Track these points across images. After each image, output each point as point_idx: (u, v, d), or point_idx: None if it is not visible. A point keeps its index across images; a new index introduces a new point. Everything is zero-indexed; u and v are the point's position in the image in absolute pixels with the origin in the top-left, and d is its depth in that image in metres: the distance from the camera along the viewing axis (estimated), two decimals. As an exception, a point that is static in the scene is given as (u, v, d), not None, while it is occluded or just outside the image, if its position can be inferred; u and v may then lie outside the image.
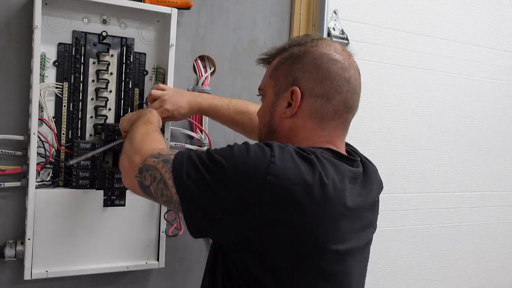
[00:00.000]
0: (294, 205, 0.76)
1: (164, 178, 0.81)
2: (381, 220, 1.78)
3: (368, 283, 1.78)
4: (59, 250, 1.18)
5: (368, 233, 0.93)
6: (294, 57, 0.91)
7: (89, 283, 1.28)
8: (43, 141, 1.16)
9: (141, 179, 0.86)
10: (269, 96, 0.94)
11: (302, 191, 0.76)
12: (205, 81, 1.40)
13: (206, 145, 1.38)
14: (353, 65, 0.91)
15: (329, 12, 1.59)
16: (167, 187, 0.81)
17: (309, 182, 0.76)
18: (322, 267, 0.81)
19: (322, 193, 0.77)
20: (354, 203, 0.84)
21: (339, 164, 0.84)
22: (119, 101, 1.27)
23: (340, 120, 0.90)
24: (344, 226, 0.82)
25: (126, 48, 1.26)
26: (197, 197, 0.78)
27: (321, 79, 0.88)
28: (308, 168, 0.78)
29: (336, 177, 0.81)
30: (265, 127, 0.95)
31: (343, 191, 0.81)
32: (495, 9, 1.98)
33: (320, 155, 0.82)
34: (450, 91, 1.91)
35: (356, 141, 1.72)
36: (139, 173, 0.86)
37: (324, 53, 0.89)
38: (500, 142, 2.05)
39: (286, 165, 0.76)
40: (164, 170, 0.81)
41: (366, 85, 1.72)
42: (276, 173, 0.75)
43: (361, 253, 0.91)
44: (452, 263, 1.98)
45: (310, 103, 0.88)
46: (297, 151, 0.80)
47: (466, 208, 1.99)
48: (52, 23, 1.18)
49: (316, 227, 0.78)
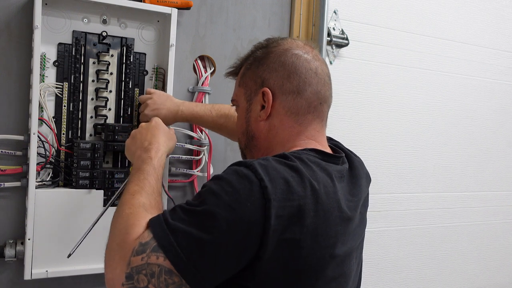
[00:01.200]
0: (291, 222, 0.73)
1: (164, 266, 0.70)
2: (381, 220, 1.81)
3: (368, 283, 1.79)
4: (59, 250, 1.18)
5: (361, 230, 0.93)
6: (259, 60, 0.91)
7: (89, 283, 1.28)
8: (43, 141, 1.16)
9: (133, 284, 0.71)
10: (242, 104, 0.94)
11: (297, 205, 0.74)
12: (205, 81, 1.40)
13: (206, 145, 1.38)
14: (317, 57, 0.92)
15: (329, 12, 1.59)
16: (172, 273, 0.70)
17: (301, 195, 0.74)
18: (327, 275, 0.80)
19: (316, 202, 0.76)
20: (346, 203, 0.83)
21: (326, 166, 0.83)
22: (119, 101, 1.27)
23: (316, 112, 0.90)
24: (343, 228, 0.82)
25: (126, 48, 1.26)
26: (199, 259, 0.70)
27: (288, 74, 0.88)
28: (297, 179, 0.76)
29: (326, 181, 0.80)
30: (244, 135, 0.94)
31: (336, 193, 0.81)
32: (495, 9, 1.98)
33: (306, 159, 0.80)
34: (450, 91, 1.91)
35: (356, 141, 1.73)
36: (127, 280, 0.71)
37: (287, 49, 0.90)
38: (500, 142, 2.05)
39: (275, 184, 0.73)
40: (162, 259, 0.70)
41: (366, 85, 1.74)
42: (271, 197, 0.71)
43: (357, 251, 0.91)
44: (452, 263, 1.98)
45: (282, 101, 0.88)
46: (280, 162, 0.77)
47: (466, 208, 1.99)
48: (52, 23, 1.18)
49: (319, 237, 0.76)
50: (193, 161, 1.39)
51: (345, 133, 1.69)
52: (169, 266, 0.70)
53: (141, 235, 0.73)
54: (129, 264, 0.72)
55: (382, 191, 1.79)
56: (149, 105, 1.21)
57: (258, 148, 0.92)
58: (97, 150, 1.20)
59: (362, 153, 1.74)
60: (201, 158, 1.39)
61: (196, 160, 1.39)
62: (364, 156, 1.73)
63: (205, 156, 1.39)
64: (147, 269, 0.71)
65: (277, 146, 0.89)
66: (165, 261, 0.70)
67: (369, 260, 1.78)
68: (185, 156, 1.37)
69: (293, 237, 0.74)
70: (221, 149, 1.44)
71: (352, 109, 1.71)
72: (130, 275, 0.71)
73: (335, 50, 1.64)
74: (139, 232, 0.74)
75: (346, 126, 1.70)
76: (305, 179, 0.76)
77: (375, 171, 1.77)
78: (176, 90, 1.33)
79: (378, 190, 1.78)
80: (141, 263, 0.71)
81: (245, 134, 0.94)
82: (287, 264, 0.75)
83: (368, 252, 1.78)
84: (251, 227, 0.71)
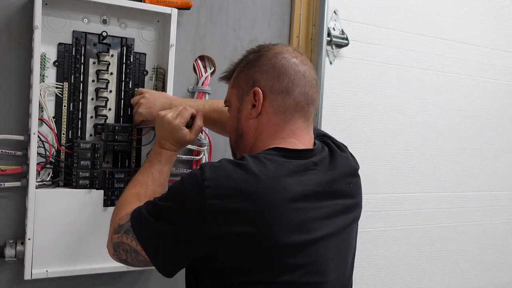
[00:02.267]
0: (239, 216, 0.80)
1: (132, 246, 0.88)
2: (381, 220, 1.81)
3: (368, 283, 1.79)
4: (59, 250, 1.18)
5: (342, 218, 0.94)
6: (251, 63, 0.98)
7: (89, 283, 1.28)
8: (43, 141, 1.16)
9: (118, 256, 0.93)
10: (234, 104, 1.00)
11: (241, 200, 0.80)
12: (205, 81, 1.40)
13: (206, 145, 1.39)
14: (305, 61, 0.97)
15: (329, 12, 1.59)
16: (138, 253, 0.88)
17: (245, 189, 0.81)
18: (285, 262, 0.83)
19: (260, 194, 0.81)
20: (308, 193, 0.86)
21: (284, 162, 0.87)
22: (119, 101, 1.27)
23: (302, 112, 0.95)
24: (298, 217, 0.84)
25: (126, 48, 1.26)
26: (159, 245, 0.86)
27: (278, 75, 0.94)
28: (243, 175, 0.82)
29: (278, 173, 0.84)
30: (234, 133, 1.00)
31: (288, 186, 0.84)
32: (495, 9, 1.98)
33: (263, 157, 0.86)
34: (450, 91, 1.91)
35: (356, 141, 1.73)
36: (115, 252, 0.93)
37: (277, 53, 0.96)
38: (500, 142, 2.05)
39: (219, 182, 0.81)
40: (130, 240, 0.89)
41: (366, 85, 1.74)
42: (213, 194, 0.80)
43: (337, 238, 0.92)
44: (452, 263, 1.98)
45: (272, 100, 0.94)
46: (231, 162, 0.85)
47: (466, 208, 1.99)
48: (52, 23, 1.18)
49: (266, 227, 0.81)
50: (193, 161, 1.39)
51: (345, 133, 1.69)
52: (135, 247, 0.88)
53: (122, 217, 0.93)
54: (111, 239, 0.93)
55: (382, 191, 1.79)
56: (142, 103, 1.21)
57: (245, 145, 0.98)
58: (97, 150, 1.20)
59: (362, 153, 1.75)
60: (201, 158, 1.39)
61: (196, 160, 1.39)
62: (364, 156, 1.75)
63: (205, 156, 1.39)
64: (122, 246, 0.90)
65: (259, 143, 0.95)
66: (132, 242, 0.88)
67: (369, 260, 1.78)
68: (185, 156, 1.37)
69: (239, 229, 0.80)
70: (221, 149, 1.44)
71: (352, 109, 1.71)
72: (114, 248, 0.93)
73: (335, 50, 1.64)
74: (123, 215, 0.93)
75: (346, 126, 1.70)
76: (251, 175, 0.82)
77: (375, 171, 1.78)
78: (176, 90, 1.33)
79: (378, 190, 1.78)
80: (117, 240, 0.91)
81: (235, 132, 1.00)
82: (240, 255, 0.82)
83: (368, 252, 1.78)
84: (194, 221, 0.82)
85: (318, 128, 1.14)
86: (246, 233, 0.81)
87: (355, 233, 1.01)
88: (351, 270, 1.00)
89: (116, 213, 0.98)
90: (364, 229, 1.75)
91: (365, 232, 1.76)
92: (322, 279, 0.88)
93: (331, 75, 1.64)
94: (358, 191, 1.00)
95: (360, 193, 1.01)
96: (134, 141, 1.28)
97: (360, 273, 1.76)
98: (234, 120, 1.00)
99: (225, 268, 0.84)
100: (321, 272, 0.88)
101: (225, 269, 0.84)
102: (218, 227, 0.80)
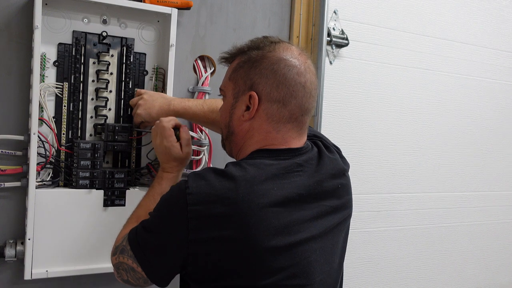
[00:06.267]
0: (219, 220, 0.83)
1: (129, 264, 0.92)
2: (381, 220, 1.81)
3: (368, 283, 1.79)
4: (59, 250, 1.18)
5: (328, 220, 0.93)
6: (252, 62, 0.95)
7: (89, 283, 1.28)
8: (43, 141, 1.16)
9: (121, 277, 0.96)
10: (228, 97, 0.99)
11: (221, 206, 0.83)
12: (205, 81, 1.40)
13: (206, 145, 1.39)
14: (309, 68, 0.95)
15: (329, 12, 1.59)
16: (135, 270, 0.91)
17: (225, 195, 0.83)
18: (267, 266, 0.84)
19: (240, 199, 0.83)
20: (290, 196, 0.87)
21: (266, 166, 0.88)
22: (119, 101, 1.27)
23: (296, 122, 0.94)
24: (279, 221, 0.85)
25: (126, 48, 1.26)
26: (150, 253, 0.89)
27: (277, 84, 0.92)
28: (223, 181, 0.84)
29: (259, 178, 0.85)
30: (226, 128, 1.00)
31: (268, 190, 0.85)
32: (495, 9, 1.98)
33: (245, 162, 0.88)
34: (450, 91, 1.91)
35: (356, 141, 1.73)
36: (117, 273, 0.96)
37: (281, 59, 0.93)
38: (500, 142, 2.05)
39: (200, 190, 0.84)
40: (126, 258, 0.92)
41: (366, 85, 1.74)
42: (194, 201, 0.83)
43: (322, 240, 0.92)
44: (452, 263, 1.98)
45: (267, 107, 0.93)
46: (213, 170, 0.87)
47: (466, 208, 1.99)
48: (52, 23, 1.18)
49: (246, 230, 0.82)
50: (193, 161, 1.39)
51: (345, 133, 1.69)
52: (131, 265, 0.91)
53: (119, 240, 0.97)
54: (112, 262, 0.97)
55: (382, 191, 1.79)
56: (141, 105, 1.22)
57: (235, 144, 0.99)
58: (97, 150, 1.20)
59: (362, 153, 1.75)
60: (201, 158, 1.39)
61: (196, 160, 1.39)
62: (364, 155, 1.75)
63: (205, 156, 1.39)
64: (121, 266, 0.93)
65: (248, 146, 0.95)
66: (128, 261, 0.91)
67: (369, 260, 1.78)
68: (185, 156, 1.37)
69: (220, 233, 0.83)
70: (221, 149, 1.43)
71: (352, 109, 1.71)
72: (116, 270, 0.96)
73: (335, 50, 1.64)
74: (120, 238, 0.98)
75: (346, 126, 1.70)
76: (231, 181, 0.84)
77: (375, 171, 1.78)
78: (176, 90, 1.33)
79: (378, 190, 1.78)
80: (116, 262, 0.95)
81: (226, 127, 1.00)
82: (222, 259, 0.84)
83: (368, 252, 1.78)
84: (178, 227, 0.84)
85: (312, 128, 1.13)
86: (227, 237, 0.83)
87: (344, 233, 1.00)
88: (339, 271, 1.00)
89: (117, 236, 1.02)
90: (364, 229, 1.75)
91: (365, 232, 1.76)
92: (307, 281, 0.88)
93: (331, 75, 1.64)
94: (346, 192, 1.00)
95: (350, 193, 1.01)
96: (134, 141, 1.29)
97: (360, 273, 1.76)
98: (227, 114, 0.99)
99: (209, 272, 0.86)
100: (306, 274, 0.88)
101: (209, 273, 0.86)
102: (200, 232, 0.83)
